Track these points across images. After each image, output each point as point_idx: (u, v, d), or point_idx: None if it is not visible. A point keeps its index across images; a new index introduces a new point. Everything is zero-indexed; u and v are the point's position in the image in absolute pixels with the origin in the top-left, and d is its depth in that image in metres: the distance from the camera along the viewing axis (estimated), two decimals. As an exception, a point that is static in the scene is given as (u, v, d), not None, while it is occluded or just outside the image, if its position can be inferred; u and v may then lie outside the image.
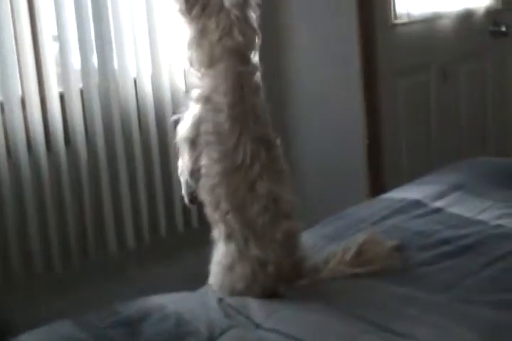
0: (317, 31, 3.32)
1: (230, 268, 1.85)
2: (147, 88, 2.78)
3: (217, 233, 1.87)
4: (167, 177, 2.80)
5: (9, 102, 2.46)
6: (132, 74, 2.75)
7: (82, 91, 2.63)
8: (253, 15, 1.88)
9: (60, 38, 2.57)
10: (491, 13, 4.03)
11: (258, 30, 1.89)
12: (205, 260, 1.94)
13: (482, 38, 4.02)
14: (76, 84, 2.61)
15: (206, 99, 1.82)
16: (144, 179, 2.76)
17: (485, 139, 4.17)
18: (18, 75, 2.49)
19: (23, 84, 2.50)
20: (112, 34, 2.67)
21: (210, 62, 1.84)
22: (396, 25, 3.64)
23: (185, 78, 2.86)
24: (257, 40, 1.89)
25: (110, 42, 2.67)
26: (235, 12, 1.83)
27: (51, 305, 2.52)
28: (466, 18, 3.91)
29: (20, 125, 2.47)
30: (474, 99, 4.06)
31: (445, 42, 3.82)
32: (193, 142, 1.85)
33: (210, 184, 1.83)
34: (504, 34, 4.04)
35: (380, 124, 3.55)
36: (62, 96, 2.60)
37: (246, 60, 1.86)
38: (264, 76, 1.91)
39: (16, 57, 2.47)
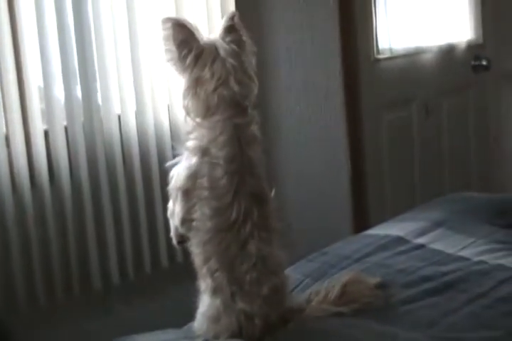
0: (301, 66, 3.35)
1: (215, 319, 1.84)
2: (131, 124, 2.79)
3: (203, 285, 1.86)
4: (151, 213, 2.80)
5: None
6: (116, 110, 2.76)
7: (66, 128, 2.64)
8: (250, 63, 1.87)
9: (44, 75, 2.58)
10: (472, 48, 4.10)
11: (255, 78, 1.87)
12: (190, 295, 1.93)
13: (464, 72, 4.08)
14: (60, 121, 2.62)
15: (203, 152, 1.80)
16: (128, 214, 2.75)
17: (468, 174, 4.20)
18: (2, 112, 2.49)
19: (8, 121, 2.50)
20: (97, 70, 2.68)
21: (206, 112, 1.82)
22: (379, 60, 3.70)
23: (169, 114, 2.87)
24: (254, 89, 1.87)
25: (94, 79, 2.68)
26: (230, 61, 1.81)
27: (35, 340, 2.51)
28: (448, 52, 3.97)
29: (4, 161, 2.47)
30: (457, 133, 4.11)
31: (427, 77, 3.88)
32: (187, 193, 1.82)
33: (201, 239, 1.82)
34: (486, 68, 4.10)
35: (364, 158, 3.58)
36: (46, 133, 2.60)
37: (243, 110, 1.83)
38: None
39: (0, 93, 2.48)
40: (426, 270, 2.18)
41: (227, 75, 1.80)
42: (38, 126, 2.57)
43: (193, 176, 1.80)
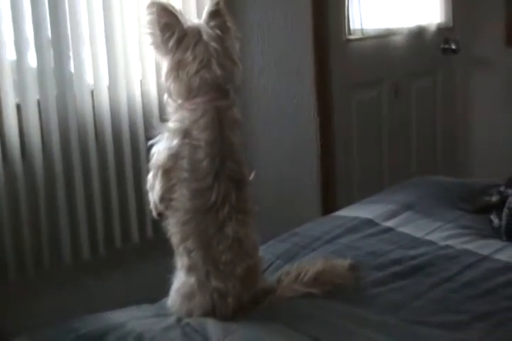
0: (272, 46, 3.35)
1: (189, 296, 1.88)
2: (104, 98, 2.78)
3: (179, 263, 1.89)
4: (122, 189, 2.80)
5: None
6: (90, 85, 2.75)
7: (39, 102, 2.63)
8: (233, 48, 1.89)
9: (17, 48, 2.55)
10: (442, 31, 4.13)
11: (238, 63, 1.90)
12: (160, 270, 1.96)
13: (433, 54, 4.11)
14: (33, 94, 2.60)
15: (184, 133, 1.82)
16: (99, 189, 2.75)
17: (434, 155, 4.26)
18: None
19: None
20: (70, 42, 2.66)
21: (188, 94, 1.84)
22: (350, 40, 3.71)
23: (141, 89, 2.87)
24: (236, 73, 1.89)
25: (68, 52, 2.66)
26: (213, 44, 1.83)
27: (6, 315, 2.51)
28: (419, 35, 3.99)
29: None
30: (425, 115, 4.15)
31: (398, 58, 3.91)
32: (167, 172, 1.84)
33: (179, 219, 1.85)
34: (454, 51, 4.14)
35: (334, 138, 3.62)
36: (18, 107, 2.59)
37: (224, 93, 1.87)
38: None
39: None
40: (395, 253, 2.23)
41: (209, 58, 1.83)
42: (10, 100, 2.55)
43: (174, 157, 1.83)
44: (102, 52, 2.76)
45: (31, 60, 2.61)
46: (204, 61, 1.83)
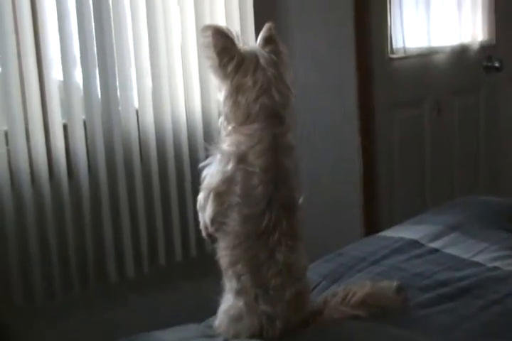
0: (315, 65, 3.37)
1: (237, 319, 1.87)
2: (149, 118, 2.80)
3: (228, 285, 1.89)
4: (167, 207, 2.83)
5: (13, 132, 2.48)
6: (134, 104, 2.78)
7: (84, 122, 2.66)
8: (288, 73, 1.88)
9: (64, 69, 2.59)
10: (485, 49, 4.12)
11: (292, 88, 1.88)
12: (205, 289, 1.97)
13: (476, 72, 4.09)
14: (79, 115, 2.63)
15: (240, 159, 1.81)
16: (144, 209, 2.77)
17: (477, 174, 4.23)
18: (21, 105, 2.50)
19: (27, 115, 2.51)
20: (116, 64, 2.70)
21: (245, 120, 1.83)
22: (393, 59, 3.72)
23: (186, 109, 2.89)
24: (291, 99, 1.88)
25: (113, 73, 2.70)
26: (271, 70, 1.83)
27: (52, 332, 2.55)
28: (461, 53, 3.99)
29: (24, 155, 2.49)
30: (467, 134, 4.13)
31: (440, 77, 3.90)
32: (219, 196, 1.83)
33: (229, 243, 1.84)
34: (497, 69, 4.12)
35: (376, 156, 3.61)
36: (65, 127, 2.62)
37: (281, 120, 1.85)
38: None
39: (19, 86, 2.49)
40: (441, 274, 2.21)
41: (268, 84, 1.82)
42: (57, 120, 2.58)
43: (227, 181, 1.82)
44: (146, 72, 2.79)
45: (78, 80, 2.64)
46: (264, 87, 1.82)
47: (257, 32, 2.88)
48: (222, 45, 1.83)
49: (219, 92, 1.89)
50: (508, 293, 2.08)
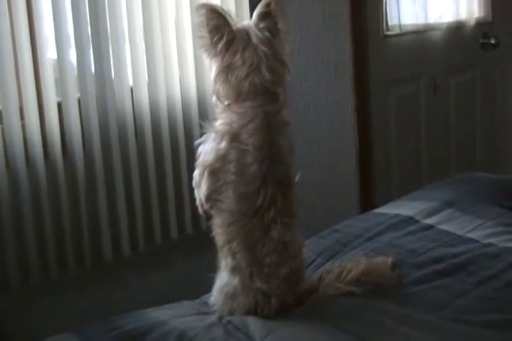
0: (310, 43, 3.35)
1: (232, 296, 1.88)
2: (143, 96, 2.79)
3: (223, 263, 1.89)
4: (162, 187, 2.82)
5: (7, 111, 2.47)
6: (129, 82, 2.76)
7: (79, 100, 2.65)
8: (284, 49, 1.86)
9: (58, 47, 2.58)
10: (481, 25, 4.09)
11: (288, 65, 1.87)
12: (200, 266, 1.97)
13: (472, 49, 4.08)
14: (74, 93, 2.62)
15: (233, 137, 1.81)
16: (139, 186, 2.77)
17: (473, 150, 4.23)
18: (16, 84, 2.49)
19: (22, 94, 2.50)
20: (110, 42, 2.68)
21: (236, 98, 1.83)
22: (388, 36, 3.70)
23: (181, 87, 2.88)
24: (286, 75, 1.87)
25: (108, 51, 2.68)
26: (262, 48, 1.81)
27: (48, 311, 2.55)
28: (457, 29, 3.97)
29: (18, 134, 2.48)
30: (464, 111, 4.12)
31: (436, 54, 3.88)
32: (214, 173, 1.84)
33: (225, 220, 1.85)
34: (494, 46, 4.10)
35: (372, 134, 3.60)
36: (59, 105, 2.61)
37: (274, 97, 1.85)
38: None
39: (14, 65, 2.48)
40: (436, 251, 2.21)
41: (258, 62, 1.81)
42: (51, 98, 2.57)
43: (221, 159, 1.82)
44: (141, 50, 2.77)
45: (72, 58, 2.63)
46: (253, 65, 1.80)
47: (252, 10, 2.89)
48: (214, 23, 1.81)
49: (211, 71, 1.88)
50: (502, 269, 2.09)
